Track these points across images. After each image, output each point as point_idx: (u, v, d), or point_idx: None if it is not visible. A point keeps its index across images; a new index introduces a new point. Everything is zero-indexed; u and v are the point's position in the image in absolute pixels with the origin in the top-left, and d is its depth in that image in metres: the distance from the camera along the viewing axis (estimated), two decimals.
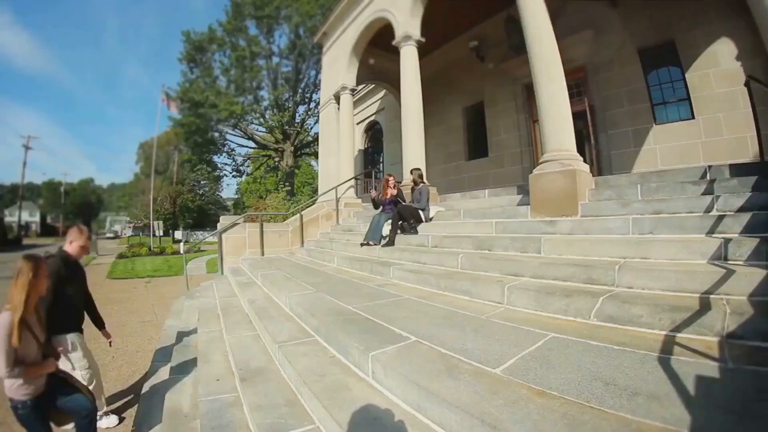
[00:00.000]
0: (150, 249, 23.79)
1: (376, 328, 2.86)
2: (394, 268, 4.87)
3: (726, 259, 3.02)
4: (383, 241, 6.53)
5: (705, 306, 2.29)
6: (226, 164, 33.99)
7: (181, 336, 5.19)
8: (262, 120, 28.09)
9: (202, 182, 45.53)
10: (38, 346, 2.56)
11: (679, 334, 2.21)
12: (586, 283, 3.19)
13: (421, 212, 6.79)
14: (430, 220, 6.83)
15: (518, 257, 4.17)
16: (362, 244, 6.71)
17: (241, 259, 8.98)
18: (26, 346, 2.46)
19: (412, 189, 7.33)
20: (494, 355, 2.15)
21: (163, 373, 4.26)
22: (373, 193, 7.93)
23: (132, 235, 47.25)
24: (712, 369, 1.80)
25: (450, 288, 3.86)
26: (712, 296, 2.49)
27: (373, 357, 2.31)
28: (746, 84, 4.97)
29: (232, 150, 31.57)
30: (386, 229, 6.66)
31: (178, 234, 41.92)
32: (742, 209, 3.67)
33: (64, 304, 3.27)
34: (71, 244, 3.54)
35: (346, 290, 4.43)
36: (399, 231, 6.56)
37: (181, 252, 17.00)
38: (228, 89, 26.00)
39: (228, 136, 30.06)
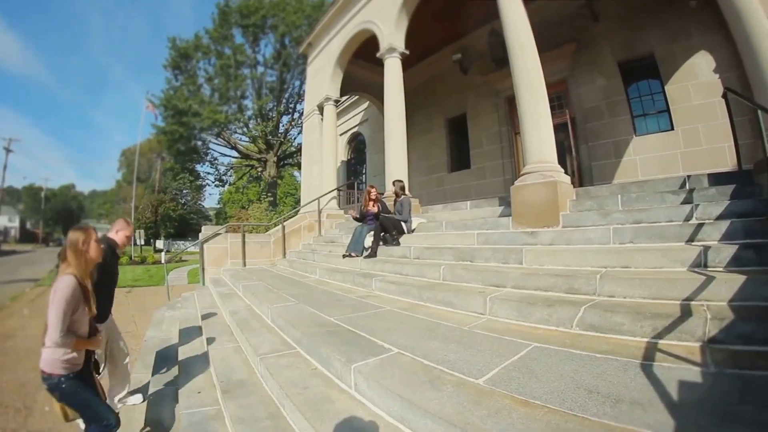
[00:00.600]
0: (131, 258, 23.51)
1: (358, 340, 2.84)
2: (376, 280, 4.86)
3: (706, 266, 3.08)
4: (365, 253, 6.53)
5: (686, 312, 2.33)
6: (208, 173, 33.78)
7: (162, 348, 5.10)
8: (245, 129, 27.91)
9: (184, 191, 45.08)
10: (89, 320, 2.46)
11: (661, 341, 2.24)
12: (568, 292, 3.21)
13: (403, 224, 6.81)
14: (413, 231, 6.84)
15: (500, 268, 4.20)
16: (344, 256, 6.69)
17: (223, 270, 8.90)
18: (81, 316, 2.37)
19: (395, 201, 7.34)
20: (477, 366, 2.14)
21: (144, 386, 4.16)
22: (352, 213, 7.93)
23: None
24: (694, 374, 1.82)
25: (432, 299, 3.85)
26: (692, 303, 2.53)
27: (355, 369, 2.28)
28: (724, 95, 5.13)
29: (215, 159, 31.27)
30: (368, 241, 6.66)
31: (160, 243, 41.26)
32: (720, 217, 3.75)
33: (103, 291, 3.18)
34: (117, 233, 3.54)
35: (328, 302, 4.41)
36: (381, 242, 6.57)
37: (162, 262, 16.80)
38: (212, 98, 25.85)
39: (211, 145, 29.80)
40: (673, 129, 7.81)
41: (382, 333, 2.93)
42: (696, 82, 7.54)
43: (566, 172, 5.62)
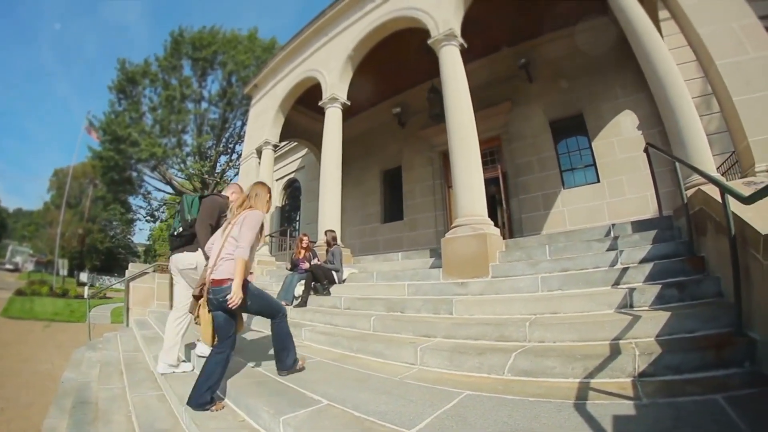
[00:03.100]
0: (52, 289, 21.59)
1: (287, 391, 2.73)
2: (306, 330, 4.72)
3: (632, 306, 3.28)
4: (296, 302, 6.36)
5: (615, 351, 2.45)
6: (141, 207, 31.80)
7: (80, 391, 4.61)
8: (182, 166, 26.84)
9: (114, 223, 42.48)
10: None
11: (593, 380, 2.32)
12: (499, 340, 3.28)
13: (334, 273, 6.75)
14: (344, 281, 6.79)
15: (430, 318, 4.23)
16: None
17: (149, 311, 8.35)
18: (255, 243, 3.01)
19: (327, 250, 7.29)
20: (409, 416, 2.09)
21: None
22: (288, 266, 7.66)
23: (33, 271, 42.61)
24: (627, 407, 1.90)
25: (363, 350, 3.78)
26: (621, 341, 2.67)
27: (284, 421, 2.16)
28: (645, 150, 5.66)
29: (149, 193, 29.62)
30: (299, 290, 6.52)
31: (84, 276, 38.16)
32: (644, 260, 4.05)
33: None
34: (232, 194, 3.91)
35: (256, 351, 4.22)
36: (312, 292, 6.45)
37: (85, 296, 15.58)
38: (153, 128, 24.88)
39: (146, 178, 28.23)
40: (599, 181, 8.50)
41: (312, 384, 2.83)
42: (621, 138, 8.34)
43: (497, 224, 5.93)
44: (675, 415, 1.76)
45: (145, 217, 31.84)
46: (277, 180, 16.68)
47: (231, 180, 28.91)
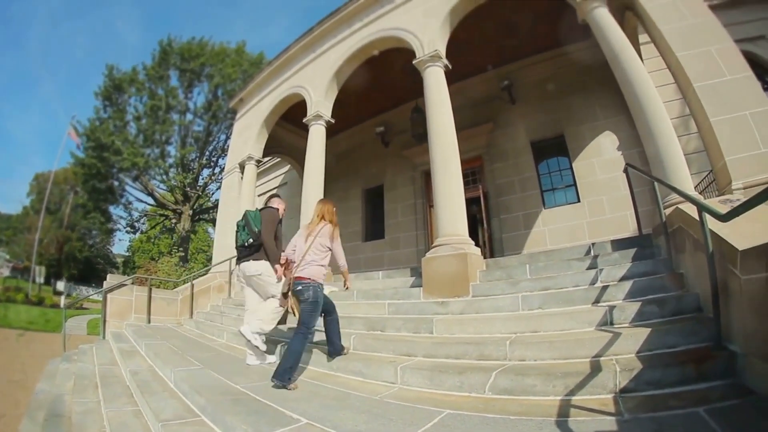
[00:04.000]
0: (27, 296, 21.06)
1: (265, 410, 2.66)
2: (285, 347, 4.62)
3: (612, 323, 3.30)
4: None
5: (596, 368, 2.45)
6: (121, 217, 31.25)
7: (54, 404, 4.45)
8: (164, 177, 26.51)
9: (93, 232, 41.31)
10: None
11: (574, 397, 2.31)
12: (479, 359, 3.25)
13: None
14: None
15: (411, 337, 4.20)
16: None
17: (126, 324, 8.09)
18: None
19: None
20: None
21: None
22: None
23: (9, 276, 40.69)
24: (609, 423, 1.89)
25: (342, 369, 3.74)
26: (602, 358, 2.67)
27: None
28: (625, 170, 5.78)
29: (130, 203, 29.15)
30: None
31: (61, 285, 37.25)
32: (624, 278, 4.08)
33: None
34: (279, 206, 4.83)
35: (234, 368, 4.16)
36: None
37: (62, 306, 15.13)
38: (137, 138, 24.61)
39: (128, 188, 27.82)
40: (579, 201, 8.61)
41: (291, 402, 2.76)
42: (601, 158, 8.50)
43: (477, 244, 5.93)
44: (657, 429, 1.77)
45: (125, 228, 31.34)
46: (259, 195, 16.48)
47: (213, 194, 28.70)
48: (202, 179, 28.02)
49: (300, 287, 3.56)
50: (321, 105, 8.79)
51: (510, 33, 8.51)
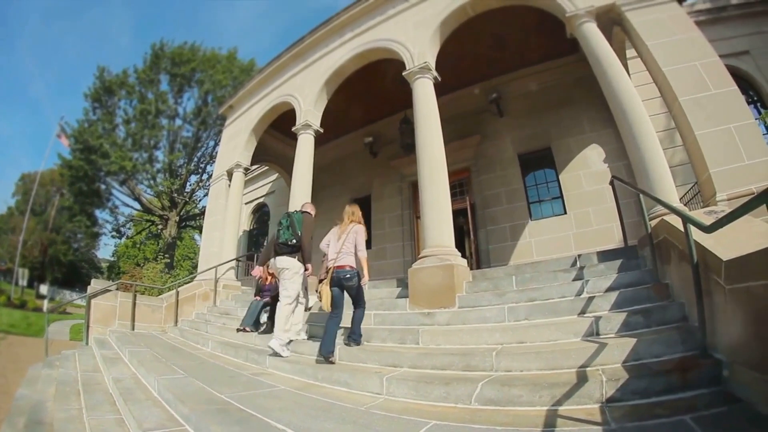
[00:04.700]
0: (9, 299, 20.85)
1: (249, 420, 2.60)
2: (270, 357, 4.60)
3: (598, 334, 3.30)
4: (260, 328, 6.27)
5: (582, 378, 2.44)
6: (107, 221, 30.57)
7: (35, 410, 4.35)
8: (152, 182, 26.15)
9: (78, 235, 40.57)
10: None
11: (560, 407, 2.30)
12: (465, 370, 3.23)
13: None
14: (309, 309, 6.65)
15: (397, 348, 4.19)
16: (238, 330, 6.33)
17: (110, 331, 7.95)
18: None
19: None
20: None
21: None
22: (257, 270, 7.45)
23: None
24: None
25: (327, 379, 3.69)
26: (588, 368, 2.67)
27: None
28: (611, 183, 5.88)
29: (116, 207, 28.62)
30: (264, 316, 6.44)
31: (44, 288, 36.43)
32: (609, 289, 4.10)
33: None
34: (312, 209, 5.73)
35: (219, 377, 4.09)
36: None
37: (44, 310, 14.81)
38: (125, 141, 24.30)
39: (114, 192, 27.29)
40: (566, 213, 8.70)
41: (276, 413, 2.71)
42: (588, 171, 8.61)
43: (464, 255, 5.95)
44: None
45: (110, 232, 30.62)
46: (246, 203, 16.42)
47: (200, 200, 28.40)
48: (190, 185, 27.65)
49: (348, 274, 4.37)
50: (310, 114, 8.79)
51: (499, 46, 8.65)
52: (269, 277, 7.09)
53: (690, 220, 2.65)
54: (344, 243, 4.52)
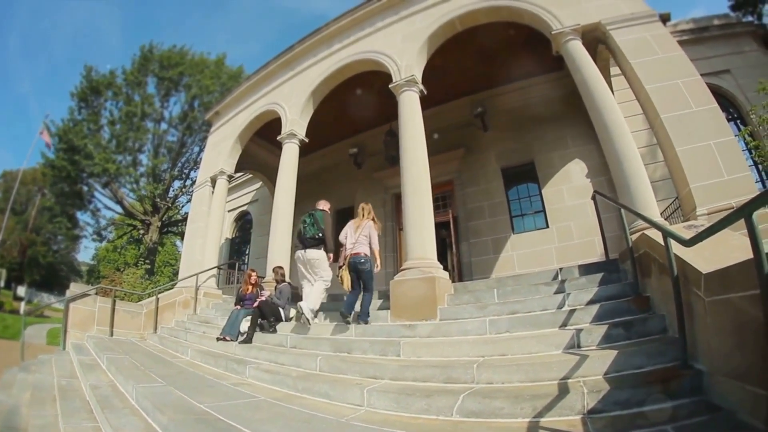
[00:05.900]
0: None
1: (229, 430, 2.55)
2: (251, 367, 4.52)
3: (579, 346, 3.31)
4: (241, 338, 6.16)
5: (564, 390, 2.44)
6: (88, 224, 29.81)
7: (9, 416, 4.21)
8: (135, 186, 25.71)
9: (59, 237, 39.47)
10: None
11: (542, 419, 2.30)
12: (447, 382, 3.21)
13: (281, 311, 6.58)
14: (290, 319, 6.58)
15: (378, 360, 4.15)
16: (218, 339, 6.22)
17: (88, 336, 7.73)
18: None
19: (275, 287, 7.10)
20: None
21: None
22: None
23: None
24: None
25: (308, 390, 3.62)
26: (570, 380, 2.67)
27: None
28: (593, 197, 5.97)
29: (98, 210, 27.99)
30: (244, 326, 6.32)
31: (22, 290, 35.48)
32: (591, 302, 4.14)
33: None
34: (327, 206, 6.41)
35: (198, 386, 4.00)
36: (258, 329, 6.26)
37: (21, 313, 14.28)
38: (109, 143, 23.88)
39: (97, 194, 26.69)
40: (548, 227, 8.78)
41: (256, 424, 2.65)
42: (570, 185, 8.74)
43: (446, 268, 5.99)
44: None
45: (91, 235, 29.71)
46: (229, 211, 16.24)
47: (183, 206, 27.95)
48: (173, 191, 27.19)
49: (362, 260, 5.37)
50: (296, 123, 8.77)
51: (485, 61, 8.77)
52: (250, 287, 7.02)
53: (670, 234, 2.69)
54: (360, 235, 5.50)
